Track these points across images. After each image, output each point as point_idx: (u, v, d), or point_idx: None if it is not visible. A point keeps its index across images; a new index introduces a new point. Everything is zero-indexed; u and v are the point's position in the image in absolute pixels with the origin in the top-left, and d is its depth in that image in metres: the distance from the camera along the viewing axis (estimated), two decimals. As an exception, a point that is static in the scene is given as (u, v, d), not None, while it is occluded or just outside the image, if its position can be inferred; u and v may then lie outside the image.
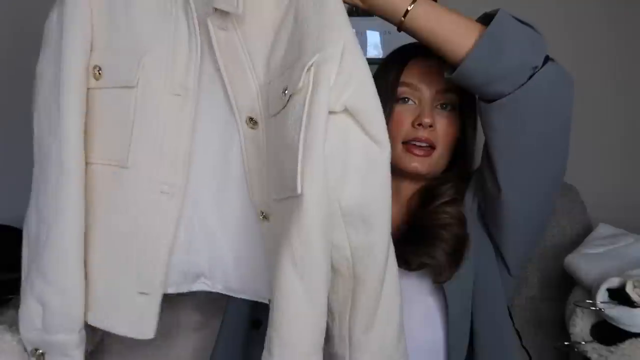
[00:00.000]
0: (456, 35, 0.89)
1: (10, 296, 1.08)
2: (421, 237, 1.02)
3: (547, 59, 0.89)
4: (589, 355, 1.07)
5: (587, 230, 1.33)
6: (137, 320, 0.86)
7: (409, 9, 0.89)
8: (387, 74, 1.09)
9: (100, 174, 0.86)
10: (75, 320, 0.84)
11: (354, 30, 1.48)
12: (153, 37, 0.86)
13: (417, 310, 1.01)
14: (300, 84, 0.76)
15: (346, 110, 0.78)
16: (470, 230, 1.03)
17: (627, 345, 1.03)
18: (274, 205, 0.85)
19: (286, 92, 0.79)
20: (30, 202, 0.89)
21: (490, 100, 0.90)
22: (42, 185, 0.86)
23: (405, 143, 1.05)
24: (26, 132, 1.53)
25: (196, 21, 0.83)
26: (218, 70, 0.85)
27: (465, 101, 1.07)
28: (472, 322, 1.01)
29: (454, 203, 1.05)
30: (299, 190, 0.73)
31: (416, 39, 0.93)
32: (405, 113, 1.06)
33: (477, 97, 0.97)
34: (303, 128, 0.74)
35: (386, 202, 0.81)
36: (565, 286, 1.24)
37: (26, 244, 0.91)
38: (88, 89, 0.86)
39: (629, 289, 1.02)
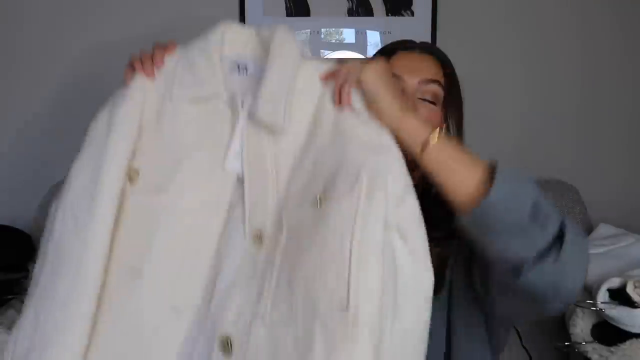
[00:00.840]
0: (458, 187, 0.76)
1: (10, 296, 1.08)
2: None
3: (562, 227, 0.73)
4: (589, 355, 1.07)
5: (587, 230, 1.33)
6: None
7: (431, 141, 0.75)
8: None
9: (115, 276, 0.80)
10: None
11: (354, 29, 1.50)
12: (195, 143, 0.83)
13: None
14: (349, 189, 0.71)
15: (397, 226, 0.71)
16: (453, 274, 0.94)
17: (628, 345, 1.03)
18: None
19: (320, 198, 0.73)
20: (27, 309, 0.79)
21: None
22: (49, 290, 0.79)
23: None
24: (26, 133, 1.53)
25: (244, 122, 0.81)
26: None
27: (451, 95, 1.04)
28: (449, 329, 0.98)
29: (438, 244, 0.97)
30: (351, 309, 0.67)
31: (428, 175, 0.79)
32: None
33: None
34: (356, 243, 0.68)
35: (427, 329, 0.73)
36: (565, 286, 1.24)
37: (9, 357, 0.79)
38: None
39: (629, 289, 1.02)
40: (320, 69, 0.82)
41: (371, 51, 1.54)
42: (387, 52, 1.10)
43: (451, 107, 1.06)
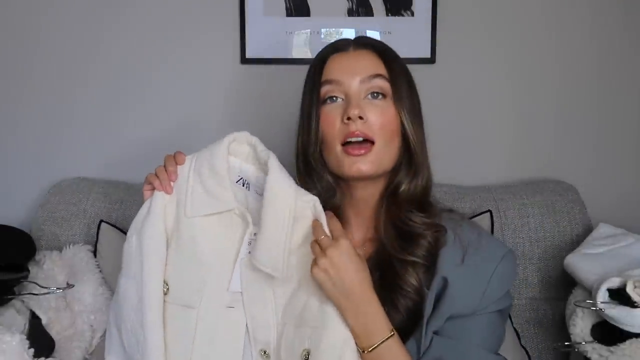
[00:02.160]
0: None
1: (10, 296, 1.07)
2: (381, 291, 0.94)
3: None
4: (589, 355, 1.07)
5: (587, 230, 1.33)
6: None
7: (379, 342, 0.88)
8: (310, 75, 1.04)
9: None
10: None
11: (354, 29, 1.50)
12: (211, 253, 0.96)
13: None
14: None
15: None
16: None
17: (628, 345, 1.03)
18: None
19: (309, 357, 0.88)
20: None
21: None
22: None
23: (343, 145, 0.98)
24: (25, 132, 1.53)
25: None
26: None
27: (397, 87, 1.00)
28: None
29: (417, 269, 0.96)
30: None
31: None
32: (333, 112, 0.99)
33: None
34: None
35: None
36: (565, 286, 1.24)
37: None
38: None
39: (629, 289, 1.02)
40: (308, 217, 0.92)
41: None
42: (318, 59, 1.05)
43: (400, 97, 1.00)
